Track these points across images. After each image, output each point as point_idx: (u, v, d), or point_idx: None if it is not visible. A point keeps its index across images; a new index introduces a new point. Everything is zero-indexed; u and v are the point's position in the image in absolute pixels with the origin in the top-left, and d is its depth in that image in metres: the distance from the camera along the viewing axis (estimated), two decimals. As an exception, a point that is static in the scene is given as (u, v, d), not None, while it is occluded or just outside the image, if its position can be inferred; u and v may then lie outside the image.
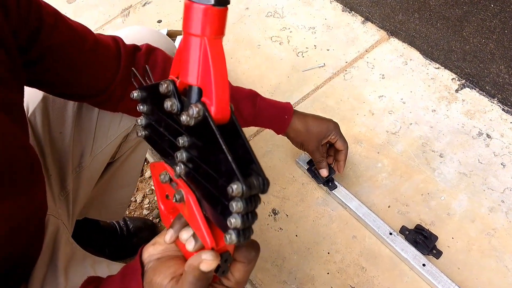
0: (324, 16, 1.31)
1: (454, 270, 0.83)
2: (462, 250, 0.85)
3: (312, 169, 0.96)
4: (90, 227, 1.01)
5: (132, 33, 0.78)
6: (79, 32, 0.58)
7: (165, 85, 0.34)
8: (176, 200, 0.35)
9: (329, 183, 0.96)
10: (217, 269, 0.35)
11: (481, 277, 0.82)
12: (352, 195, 0.94)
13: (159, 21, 1.41)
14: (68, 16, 0.60)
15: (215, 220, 0.33)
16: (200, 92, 0.33)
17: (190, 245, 0.36)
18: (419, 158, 0.99)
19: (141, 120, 0.39)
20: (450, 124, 1.02)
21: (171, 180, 0.37)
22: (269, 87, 1.18)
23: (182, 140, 0.33)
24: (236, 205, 0.29)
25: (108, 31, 1.42)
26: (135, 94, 0.39)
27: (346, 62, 1.19)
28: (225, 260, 0.35)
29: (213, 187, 0.32)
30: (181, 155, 0.34)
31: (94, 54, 0.59)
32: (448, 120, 1.03)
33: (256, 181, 0.30)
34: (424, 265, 0.82)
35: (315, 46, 1.25)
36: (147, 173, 1.25)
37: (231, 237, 0.30)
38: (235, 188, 0.29)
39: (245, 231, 0.31)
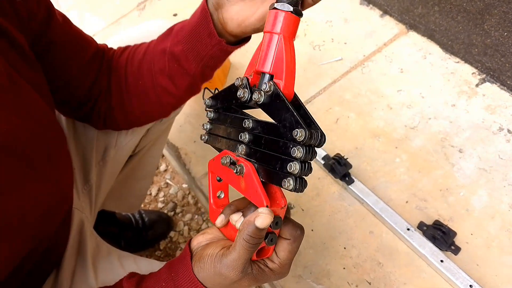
0: (341, 9, 1.31)
1: (473, 266, 0.83)
2: (481, 246, 0.85)
3: (329, 163, 0.97)
4: (106, 219, 1.04)
5: (152, 27, 0.79)
6: (82, 37, 0.59)
7: (240, 79, 0.43)
8: (236, 172, 0.40)
9: (345, 177, 0.96)
10: (266, 235, 0.39)
11: (501, 274, 0.82)
12: (369, 190, 0.94)
13: (175, 15, 1.43)
14: (84, 10, 0.61)
15: (273, 178, 0.38)
16: (271, 77, 0.40)
17: (240, 223, 0.39)
18: (438, 153, 0.98)
19: (206, 125, 0.48)
20: (470, 119, 1.02)
21: (231, 163, 0.42)
22: (285, 81, 1.19)
23: (248, 122, 0.41)
24: (297, 150, 0.35)
25: (124, 24, 1.44)
26: (207, 101, 0.47)
27: (364, 55, 1.19)
28: (276, 223, 0.38)
29: (275, 148, 0.38)
30: (245, 135, 0.41)
31: (88, 65, 0.59)
32: (468, 115, 1.03)
33: (315, 133, 0.36)
34: (442, 261, 0.83)
35: (332, 39, 1.25)
36: (162, 167, 1.27)
37: (289, 182, 0.36)
38: (299, 132, 0.35)
39: (302, 180, 0.36)
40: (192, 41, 0.56)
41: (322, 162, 0.99)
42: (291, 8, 0.40)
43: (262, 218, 0.36)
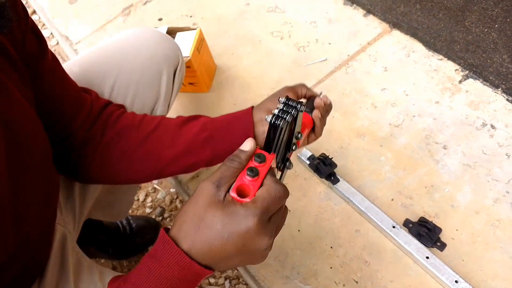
0: (326, 9, 1.32)
1: (459, 262, 0.84)
2: (467, 242, 0.86)
3: (315, 163, 0.97)
4: (93, 226, 1.03)
5: (133, 34, 0.80)
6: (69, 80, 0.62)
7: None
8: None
9: (331, 177, 0.97)
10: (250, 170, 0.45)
11: (486, 268, 0.82)
12: (355, 189, 0.95)
13: (160, 19, 1.43)
14: (70, 16, 0.63)
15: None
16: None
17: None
18: (423, 150, 0.99)
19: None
20: (453, 116, 1.03)
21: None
22: (271, 82, 1.19)
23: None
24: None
25: (109, 30, 1.44)
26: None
27: (348, 55, 1.20)
28: (259, 158, 0.45)
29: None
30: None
31: (72, 99, 0.61)
32: (451, 112, 1.04)
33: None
34: (427, 257, 0.83)
35: (316, 40, 1.26)
36: None
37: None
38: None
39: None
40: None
41: (308, 162, 0.99)
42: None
43: (245, 142, 0.44)
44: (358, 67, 1.17)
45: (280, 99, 0.46)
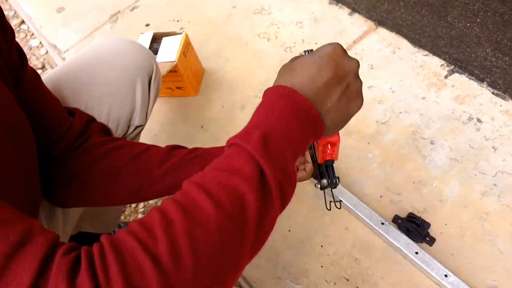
0: (311, 9, 1.32)
1: (448, 256, 0.84)
2: (456, 236, 0.86)
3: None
4: (85, 238, 1.03)
5: (105, 46, 0.80)
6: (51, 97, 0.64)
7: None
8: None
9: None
10: None
11: (475, 261, 0.82)
12: (343, 187, 0.94)
13: (147, 25, 1.43)
14: (58, 25, 0.64)
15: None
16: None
17: None
18: (410, 146, 0.99)
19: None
20: (440, 111, 1.03)
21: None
22: (258, 83, 1.19)
23: None
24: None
25: (97, 37, 1.44)
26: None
27: (334, 54, 1.20)
28: None
29: None
30: None
31: (52, 112, 0.63)
32: (438, 107, 1.03)
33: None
34: (417, 253, 0.83)
35: (303, 40, 1.26)
36: None
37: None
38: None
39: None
40: None
41: (296, 162, 0.99)
42: None
43: None
44: (345, 65, 1.17)
45: None
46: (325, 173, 0.64)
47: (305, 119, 0.43)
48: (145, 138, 1.11)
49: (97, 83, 0.75)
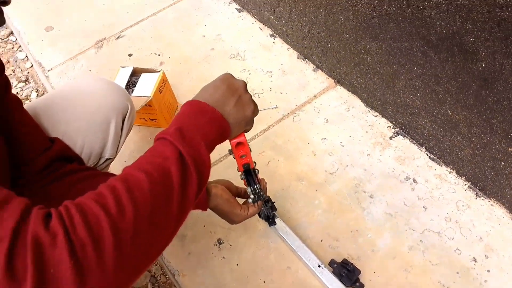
0: (281, 61, 1.41)
1: (374, 302, 0.90)
2: (382, 284, 0.92)
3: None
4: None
5: (84, 84, 0.85)
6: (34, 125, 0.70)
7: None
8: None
9: (269, 218, 1.02)
10: None
11: (396, 309, 0.89)
12: (290, 229, 1.00)
13: (130, 55, 1.47)
14: (44, 44, 0.70)
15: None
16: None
17: None
18: (352, 197, 1.06)
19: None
20: (382, 168, 1.11)
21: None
22: (225, 124, 1.25)
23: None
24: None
25: (81, 61, 1.47)
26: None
27: (296, 105, 1.28)
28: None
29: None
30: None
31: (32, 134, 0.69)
32: (380, 164, 1.12)
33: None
34: (346, 296, 0.89)
35: (270, 88, 1.34)
36: None
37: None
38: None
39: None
40: None
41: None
42: None
43: None
44: (304, 116, 1.25)
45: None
46: (250, 182, 0.79)
47: (211, 117, 0.58)
48: (115, 164, 1.14)
49: (74, 118, 0.80)
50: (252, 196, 0.81)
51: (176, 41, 1.50)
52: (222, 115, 0.58)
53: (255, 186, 0.79)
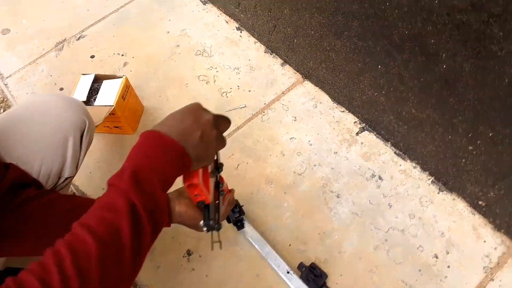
0: (248, 56, 1.35)
1: (341, 304, 0.91)
2: (348, 287, 0.93)
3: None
4: (11, 270, 1.01)
5: (41, 103, 0.80)
6: None
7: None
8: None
9: (237, 223, 1.00)
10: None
11: (362, 310, 0.89)
12: (260, 234, 0.99)
13: (92, 57, 1.40)
14: (1, 48, 0.65)
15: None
16: None
17: None
18: (319, 198, 1.05)
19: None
20: (348, 166, 1.10)
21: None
22: (192, 127, 1.21)
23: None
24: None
25: (41, 65, 1.39)
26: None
27: (265, 103, 1.24)
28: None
29: None
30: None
31: None
32: (347, 162, 1.10)
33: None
34: (314, 301, 0.89)
35: (238, 86, 1.29)
36: None
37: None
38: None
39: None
40: None
41: (218, 209, 1.02)
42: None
43: None
44: (272, 115, 1.21)
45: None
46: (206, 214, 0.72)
47: (171, 152, 0.53)
48: (80, 175, 1.10)
49: (30, 139, 0.76)
50: (204, 229, 0.73)
51: (139, 39, 1.43)
52: (184, 149, 0.54)
53: (208, 222, 0.71)
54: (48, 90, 1.32)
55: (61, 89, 1.33)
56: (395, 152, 1.11)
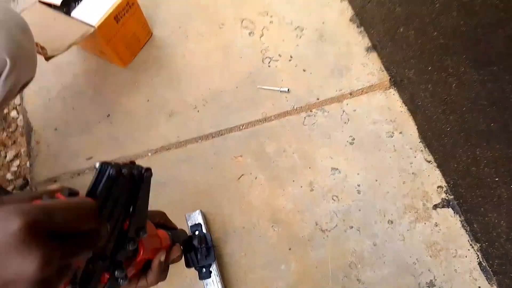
0: (325, 17, 0.87)
1: None
2: None
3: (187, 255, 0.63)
4: None
5: None
6: None
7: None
8: None
9: (201, 270, 0.63)
10: None
11: None
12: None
13: None
14: None
15: None
16: None
17: None
18: (336, 282, 0.65)
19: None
20: (400, 251, 0.67)
21: None
22: (206, 91, 0.80)
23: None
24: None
25: None
26: None
27: (318, 99, 0.79)
28: None
29: None
30: None
31: None
32: (401, 244, 0.68)
33: None
34: None
35: (291, 57, 0.83)
36: (11, 152, 0.88)
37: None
38: None
39: None
40: None
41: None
42: None
43: None
44: (322, 121, 0.77)
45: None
46: None
47: None
48: (37, 98, 0.75)
49: None
50: None
51: None
52: None
53: None
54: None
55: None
56: (479, 263, 0.67)
